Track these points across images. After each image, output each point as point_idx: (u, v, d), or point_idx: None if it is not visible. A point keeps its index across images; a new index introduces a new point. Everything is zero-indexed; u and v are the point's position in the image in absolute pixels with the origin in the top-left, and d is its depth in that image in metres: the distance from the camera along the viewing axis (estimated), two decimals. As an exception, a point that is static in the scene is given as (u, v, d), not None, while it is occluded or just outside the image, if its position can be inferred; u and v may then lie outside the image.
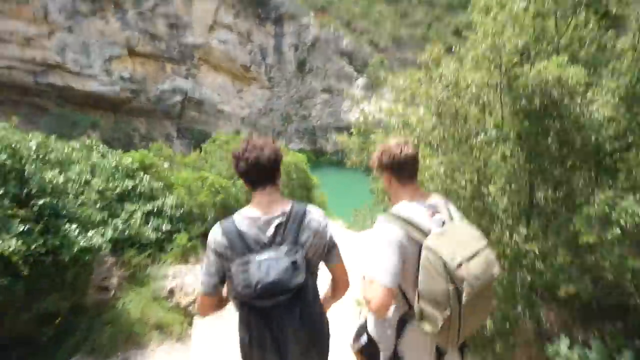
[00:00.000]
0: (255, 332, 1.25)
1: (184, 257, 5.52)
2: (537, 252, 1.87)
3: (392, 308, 1.46)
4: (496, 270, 1.37)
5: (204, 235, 6.46)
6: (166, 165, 6.93)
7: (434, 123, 2.89)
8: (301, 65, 31.65)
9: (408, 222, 1.40)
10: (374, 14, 34.38)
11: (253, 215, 1.39)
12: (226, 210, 6.53)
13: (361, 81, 28.97)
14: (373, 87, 29.31)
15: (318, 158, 28.39)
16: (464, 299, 1.25)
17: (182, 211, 5.91)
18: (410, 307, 1.45)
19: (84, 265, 3.94)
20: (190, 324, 4.36)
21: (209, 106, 30.87)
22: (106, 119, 28.42)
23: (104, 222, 4.02)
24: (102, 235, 3.85)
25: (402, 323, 1.49)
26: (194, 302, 4.45)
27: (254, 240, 1.34)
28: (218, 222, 1.43)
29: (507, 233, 1.99)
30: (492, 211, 2.12)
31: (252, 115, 32.17)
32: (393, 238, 1.38)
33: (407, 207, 1.47)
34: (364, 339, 1.65)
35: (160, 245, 5.43)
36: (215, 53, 30.53)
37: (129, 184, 5.28)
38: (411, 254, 1.38)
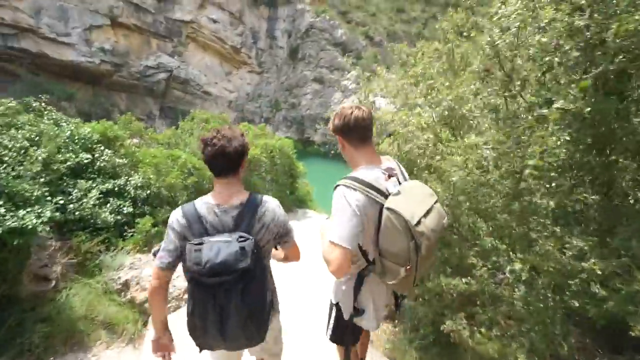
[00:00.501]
0: (199, 304, 1.37)
1: (146, 245, 4.83)
2: (597, 273, 1.36)
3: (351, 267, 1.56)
4: (446, 220, 1.49)
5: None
6: (135, 141, 6.14)
7: (477, 87, 2.30)
8: (293, 53, 30.64)
9: (368, 186, 1.45)
10: (370, 6, 33.62)
11: (213, 202, 1.49)
12: (199, 193, 5.85)
13: (354, 73, 28.27)
14: (365, 81, 28.66)
15: (305, 148, 27.68)
16: (422, 251, 1.38)
17: (148, 192, 5.19)
18: (369, 263, 1.55)
19: (15, 250, 3.23)
20: (145, 324, 3.71)
21: (195, 86, 29.52)
22: (84, 92, 26.71)
23: (44, 199, 3.28)
24: (39, 215, 3.13)
25: (360, 278, 1.61)
26: (151, 298, 3.80)
27: (211, 225, 1.44)
28: (180, 205, 1.52)
29: (554, 245, 1.47)
30: (535, 213, 1.64)
31: (240, 100, 31.04)
32: (353, 202, 1.42)
33: (366, 171, 1.52)
34: (332, 321, 1.78)
35: (120, 230, 4.72)
36: (204, 31, 29.12)
37: (84, 157, 4.51)
38: (372, 215, 1.45)
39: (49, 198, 3.33)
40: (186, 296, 2.25)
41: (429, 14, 33.82)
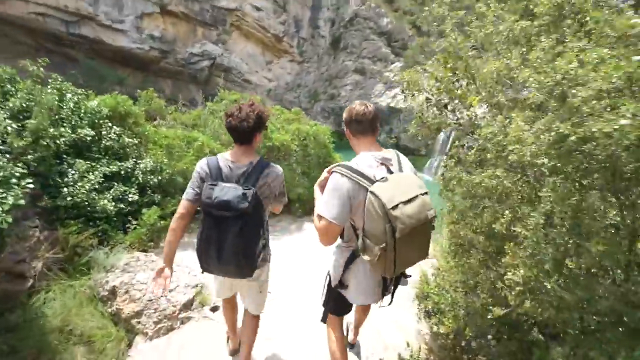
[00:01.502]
0: (206, 230, 1.76)
1: (151, 240, 4.05)
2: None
3: (339, 244, 1.88)
4: (431, 212, 1.57)
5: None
6: (156, 122, 5.41)
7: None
8: (336, 42, 29.33)
9: (357, 173, 1.59)
10: (420, -7, 31.23)
11: (229, 159, 1.87)
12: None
13: (398, 65, 26.46)
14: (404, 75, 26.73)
15: (342, 140, 26.47)
16: (397, 234, 1.47)
17: (159, 179, 4.41)
18: None
19: (-23, 242, 2.53)
20: (130, 345, 2.90)
21: (236, 74, 29.31)
22: (134, 77, 27.48)
23: (10, 181, 2.53)
24: (2, 199, 2.38)
25: (352, 256, 1.80)
26: (141, 312, 2.97)
27: (225, 175, 1.82)
28: (205, 157, 1.93)
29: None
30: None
31: (279, 89, 30.41)
32: (340, 188, 1.60)
33: (361, 157, 1.69)
34: (325, 288, 2.02)
35: (123, 221, 3.98)
36: (248, 19, 28.66)
37: (84, 133, 3.78)
38: (362, 198, 1.57)
39: (16, 180, 2.55)
40: (180, 315, 3.08)
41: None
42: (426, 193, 1.60)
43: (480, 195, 2.13)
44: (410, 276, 1.94)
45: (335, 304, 1.97)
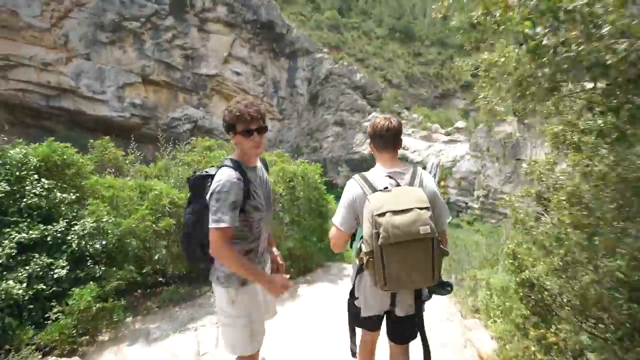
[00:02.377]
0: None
1: (83, 333, 2.82)
2: None
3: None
4: (424, 228, 1.47)
5: (141, 289, 3.76)
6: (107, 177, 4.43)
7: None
8: (313, 98, 30.21)
9: (365, 181, 1.70)
10: (387, 52, 33.50)
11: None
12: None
13: (375, 114, 27.09)
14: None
15: (328, 190, 25.82)
16: (380, 241, 1.47)
17: (103, 244, 3.30)
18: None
19: None
20: None
21: (218, 135, 29.15)
22: (115, 144, 26.79)
23: None
24: None
25: (360, 267, 1.75)
26: None
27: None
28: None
29: None
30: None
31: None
32: (350, 194, 1.73)
33: (374, 169, 1.82)
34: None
35: (44, 309, 2.78)
36: (228, 83, 29.43)
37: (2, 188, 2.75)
38: (364, 205, 1.63)
39: None
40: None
41: (445, 56, 33.15)
42: (427, 208, 1.54)
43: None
44: (450, 287, 1.76)
45: (356, 318, 1.88)
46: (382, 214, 1.46)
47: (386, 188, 1.59)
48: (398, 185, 1.65)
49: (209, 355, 2.78)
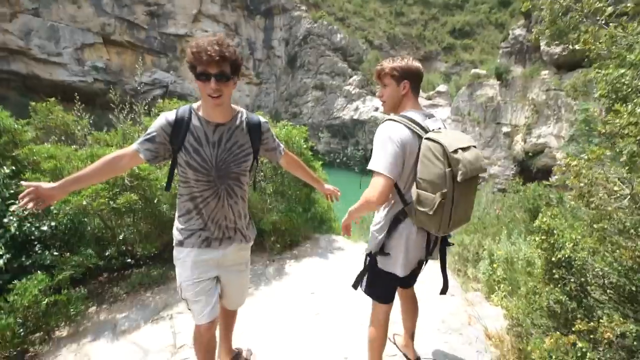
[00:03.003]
0: None
1: (32, 331, 2.37)
2: None
3: (384, 210, 1.72)
4: (483, 163, 1.52)
5: (107, 273, 3.31)
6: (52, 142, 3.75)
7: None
8: (292, 61, 28.61)
9: (413, 122, 1.56)
10: (368, 11, 31.74)
11: None
12: (158, 224, 3.40)
13: (356, 78, 26.11)
14: (367, 84, 26.51)
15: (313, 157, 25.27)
16: (459, 177, 1.40)
17: (52, 225, 2.76)
18: (406, 204, 1.60)
19: None
20: None
21: (192, 101, 27.43)
22: (82, 113, 24.70)
23: None
24: None
25: (396, 221, 1.65)
26: None
27: None
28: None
29: None
30: None
31: (239, 113, 28.89)
32: (397, 134, 1.52)
33: (414, 112, 1.65)
34: (366, 273, 1.80)
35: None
36: (199, 45, 27.22)
37: None
38: (414, 148, 1.53)
39: None
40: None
41: (428, 16, 31.86)
42: (476, 147, 1.54)
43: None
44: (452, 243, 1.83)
45: (382, 286, 1.76)
46: (456, 151, 1.41)
47: (439, 129, 1.59)
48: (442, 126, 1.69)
49: (186, 348, 2.42)
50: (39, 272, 2.49)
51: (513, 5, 27.92)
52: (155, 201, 3.15)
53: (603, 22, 2.12)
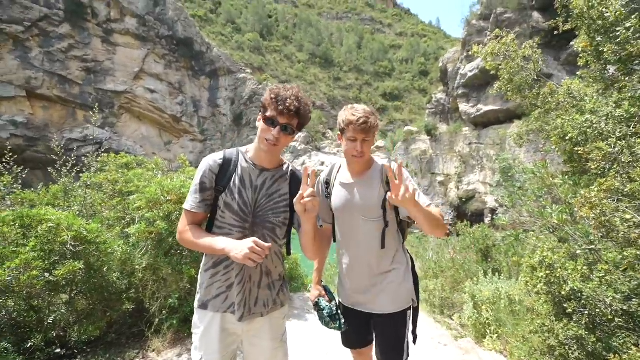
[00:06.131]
0: None
1: None
2: None
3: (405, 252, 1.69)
4: None
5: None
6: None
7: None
8: (238, 119, 29.04)
9: None
10: (309, 76, 34.51)
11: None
12: (103, 299, 2.76)
13: (301, 135, 27.20)
14: (312, 141, 27.77)
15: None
16: None
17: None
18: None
19: None
20: None
21: (129, 158, 25.62)
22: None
23: None
24: None
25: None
26: None
27: None
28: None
29: None
30: None
31: (182, 169, 27.58)
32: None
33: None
34: (409, 331, 1.66)
35: None
36: (140, 102, 26.38)
37: None
38: None
39: None
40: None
41: (362, 81, 35.66)
42: None
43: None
44: None
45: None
46: None
47: None
48: None
49: None
50: None
51: (431, 75, 32.85)
52: (105, 269, 2.57)
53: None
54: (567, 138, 2.00)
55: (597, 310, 1.52)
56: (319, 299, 1.63)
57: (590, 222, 1.53)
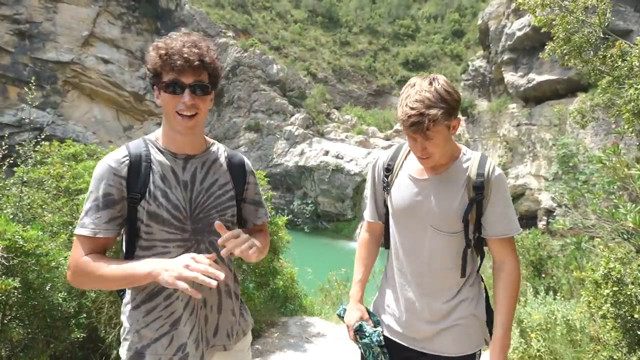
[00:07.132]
0: None
1: None
2: None
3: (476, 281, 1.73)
4: None
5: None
6: None
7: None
8: (217, 97, 28.86)
9: None
10: (308, 40, 34.46)
11: None
12: (46, 325, 2.83)
13: (299, 116, 27.24)
14: (313, 124, 27.81)
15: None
16: None
17: None
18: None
19: None
20: None
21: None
22: None
23: None
24: None
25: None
26: None
27: None
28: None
29: None
30: None
31: (146, 162, 27.86)
32: None
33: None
34: None
35: None
36: (91, 75, 26.52)
37: None
38: None
39: None
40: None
41: (377, 46, 35.54)
42: None
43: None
44: None
45: None
46: None
47: None
48: None
49: None
50: None
51: (467, 36, 32.61)
52: (47, 288, 2.61)
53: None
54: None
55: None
56: (361, 323, 1.53)
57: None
